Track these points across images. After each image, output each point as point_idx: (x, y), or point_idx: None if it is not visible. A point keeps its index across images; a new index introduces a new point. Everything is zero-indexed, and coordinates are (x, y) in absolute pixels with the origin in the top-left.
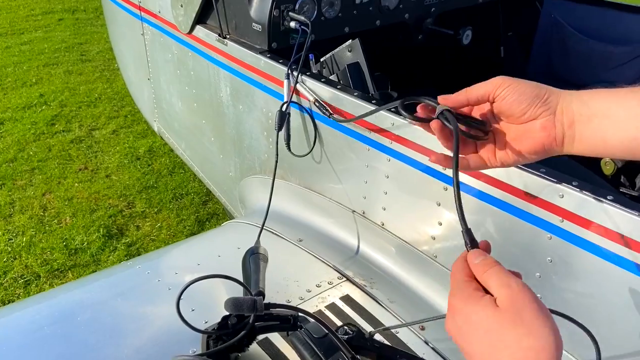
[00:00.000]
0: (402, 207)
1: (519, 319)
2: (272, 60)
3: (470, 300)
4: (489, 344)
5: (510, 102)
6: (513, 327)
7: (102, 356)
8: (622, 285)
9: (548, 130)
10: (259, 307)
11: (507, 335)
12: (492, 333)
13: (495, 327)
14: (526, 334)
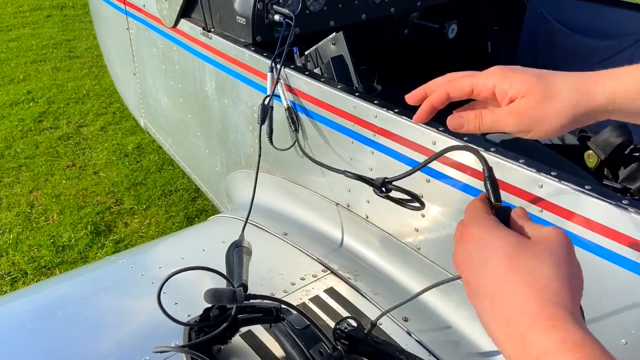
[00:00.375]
0: (386, 200)
1: (550, 251)
2: (257, 54)
3: (493, 229)
4: (508, 269)
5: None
6: (540, 256)
7: (84, 350)
8: (601, 274)
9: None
10: (239, 298)
11: (531, 261)
12: (515, 258)
13: (520, 253)
14: (553, 265)
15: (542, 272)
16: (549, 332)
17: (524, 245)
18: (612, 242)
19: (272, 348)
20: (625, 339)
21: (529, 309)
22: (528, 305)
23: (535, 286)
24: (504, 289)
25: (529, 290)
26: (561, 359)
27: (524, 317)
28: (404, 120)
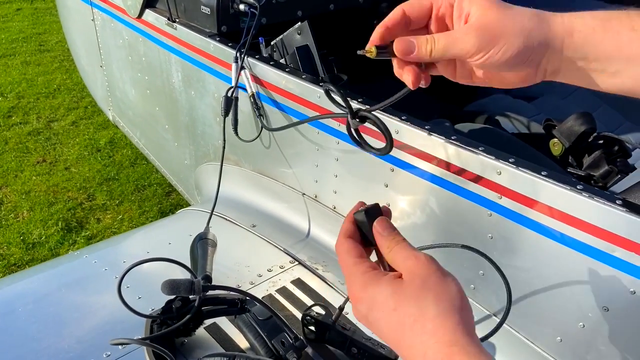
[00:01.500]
0: (352, 189)
1: (426, 286)
2: (222, 44)
3: (370, 284)
4: (398, 322)
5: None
6: (417, 297)
7: (43, 347)
8: (557, 258)
9: (526, 77)
10: (197, 289)
11: (412, 306)
12: (399, 310)
13: (401, 303)
14: (433, 300)
15: (428, 314)
16: None
17: (401, 291)
18: (569, 227)
19: (236, 340)
20: (583, 322)
21: (429, 355)
22: (427, 353)
23: (427, 332)
24: (404, 343)
25: (423, 338)
26: None
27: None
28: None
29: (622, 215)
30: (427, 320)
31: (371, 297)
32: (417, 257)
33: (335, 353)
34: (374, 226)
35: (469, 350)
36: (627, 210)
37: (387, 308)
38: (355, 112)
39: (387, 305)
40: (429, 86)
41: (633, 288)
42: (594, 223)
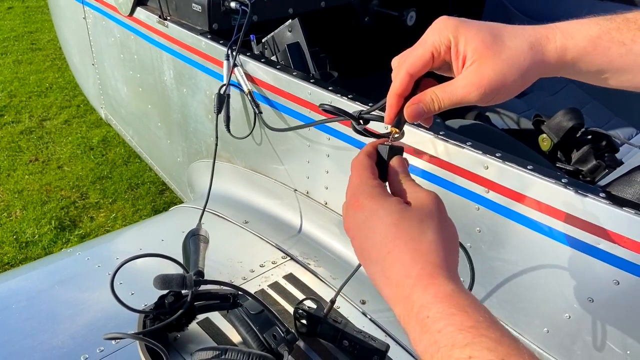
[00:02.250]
0: (343, 185)
1: (430, 215)
2: (213, 42)
3: (379, 197)
4: (394, 236)
5: (488, 98)
6: (421, 221)
7: (36, 343)
8: (543, 251)
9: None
10: (189, 284)
11: (414, 227)
12: (400, 226)
13: (403, 220)
14: (434, 228)
15: (426, 237)
16: (426, 289)
17: (407, 213)
18: (554, 220)
19: (229, 334)
20: (569, 313)
21: (413, 272)
22: (412, 268)
23: (419, 250)
24: (392, 255)
25: (414, 255)
26: (435, 310)
27: (409, 280)
28: (358, 106)
29: (605, 208)
30: (423, 241)
31: (375, 209)
32: (428, 192)
33: (326, 346)
34: (392, 161)
35: (451, 276)
36: (610, 203)
37: (388, 221)
38: (358, 117)
39: (390, 218)
40: None
41: (617, 279)
42: (579, 216)
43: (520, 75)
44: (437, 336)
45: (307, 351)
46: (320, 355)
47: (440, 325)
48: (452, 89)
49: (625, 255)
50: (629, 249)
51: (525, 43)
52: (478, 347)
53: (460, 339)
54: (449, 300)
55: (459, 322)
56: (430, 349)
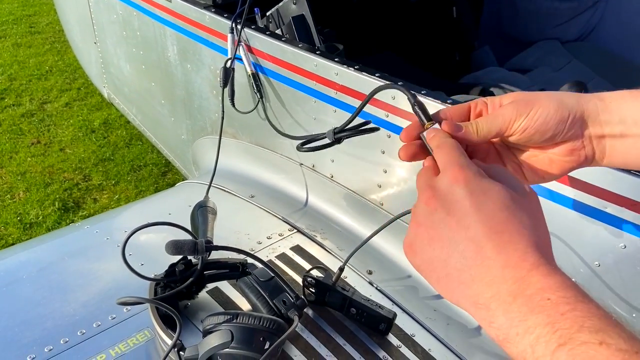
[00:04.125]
0: (349, 157)
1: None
2: (217, 15)
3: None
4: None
5: (531, 134)
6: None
7: (49, 311)
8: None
9: (577, 153)
10: (200, 249)
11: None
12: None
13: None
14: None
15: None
16: (550, 275)
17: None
18: (561, 184)
19: (239, 302)
20: (575, 278)
21: (532, 258)
22: (531, 254)
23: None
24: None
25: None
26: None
27: (526, 263)
28: (365, 77)
29: (612, 172)
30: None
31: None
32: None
33: (335, 314)
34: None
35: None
36: (619, 167)
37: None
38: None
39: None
40: (422, 61)
41: (624, 243)
42: (586, 180)
43: (555, 97)
44: (558, 318)
45: (316, 319)
46: (328, 323)
47: (564, 309)
48: (488, 114)
49: (633, 219)
50: (637, 212)
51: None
52: (612, 335)
53: (590, 324)
54: (576, 290)
55: (589, 310)
56: (539, 330)
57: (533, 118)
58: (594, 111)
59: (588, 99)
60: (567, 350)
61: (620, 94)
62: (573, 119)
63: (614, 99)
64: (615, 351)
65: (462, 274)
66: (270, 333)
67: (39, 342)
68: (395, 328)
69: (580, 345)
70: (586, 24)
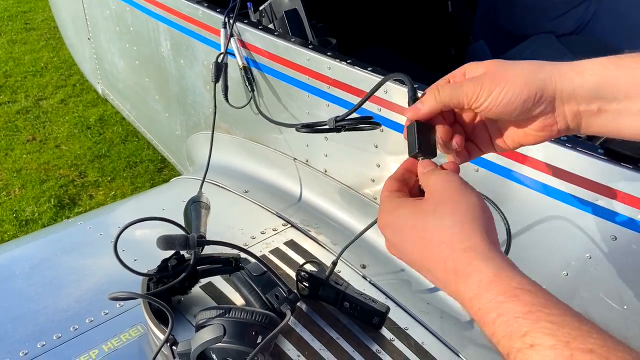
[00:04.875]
0: (342, 152)
1: (440, 199)
2: (210, 10)
3: (393, 210)
4: (418, 238)
5: (497, 113)
6: (434, 210)
7: (41, 307)
8: (541, 210)
9: (549, 129)
10: (192, 244)
11: (430, 220)
12: (417, 225)
13: (418, 218)
14: (448, 211)
15: (444, 225)
16: (467, 279)
17: (419, 209)
18: (553, 178)
19: (232, 297)
20: (567, 271)
21: (449, 265)
22: (447, 262)
23: (444, 242)
24: (426, 256)
25: (442, 248)
26: (483, 300)
27: (449, 275)
28: (357, 71)
29: (603, 165)
30: (442, 230)
31: (393, 222)
32: (436, 175)
33: (328, 309)
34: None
35: (488, 255)
36: (609, 159)
37: (407, 227)
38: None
39: (407, 224)
40: (417, 56)
41: (614, 234)
42: (578, 173)
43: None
44: (493, 327)
45: (309, 313)
46: (322, 317)
47: (492, 317)
48: (457, 86)
49: (623, 211)
50: (627, 204)
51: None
52: (538, 334)
53: (517, 327)
54: (494, 286)
55: (512, 310)
56: (493, 340)
57: (497, 98)
58: (569, 87)
59: (562, 73)
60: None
61: (603, 65)
62: (541, 96)
63: (595, 71)
64: (546, 350)
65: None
66: (262, 327)
67: (31, 337)
68: (388, 322)
69: (517, 353)
70: (581, 17)
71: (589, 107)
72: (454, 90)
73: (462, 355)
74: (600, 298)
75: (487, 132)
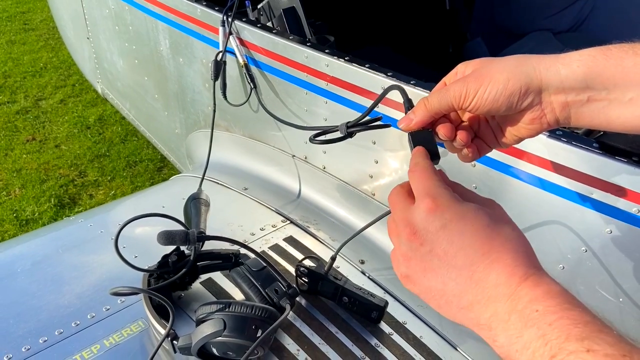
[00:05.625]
0: (341, 149)
1: (508, 218)
2: (208, 8)
3: (460, 201)
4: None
5: (486, 110)
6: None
7: (43, 303)
8: (537, 205)
9: (538, 121)
10: (192, 239)
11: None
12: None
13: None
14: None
15: (519, 240)
16: (536, 286)
17: (494, 215)
18: (548, 172)
19: (232, 293)
20: (563, 264)
21: (519, 270)
22: (518, 267)
23: (519, 251)
24: (490, 256)
25: (516, 256)
26: (546, 304)
27: (514, 278)
28: (355, 68)
29: (598, 158)
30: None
31: (462, 211)
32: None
33: (327, 303)
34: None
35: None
36: (603, 153)
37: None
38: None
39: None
40: (415, 53)
41: (609, 228)
42: (573, 167)
43: (506, 69)
44: (547, 329)
45: (309, 308)
46: (321, 311)
47: (552, 319)
48: (444, 92)
49: (618, 204)
50: (622, 198)
51: (511, 61)
52: (598, 341)
53: (577, 332)
54: (562, 296)
55: (575, 317)
56: (533, 344)
57: (482, 97)
58: (556, 79)
59: (548, 65)
60: None
61: (592, 56)
62: (527, 90)
63: (584, 62)
64: (602, 357)
65: (460, 300)
66: (262, 321)
67: (34, 333)
68: (387, 316)
69: (569, 355)
70: (578, 14)
71: (578, 98)
72: (441, 95)
73: (459, 349)
74: (596, 290)
75: (490, 128)
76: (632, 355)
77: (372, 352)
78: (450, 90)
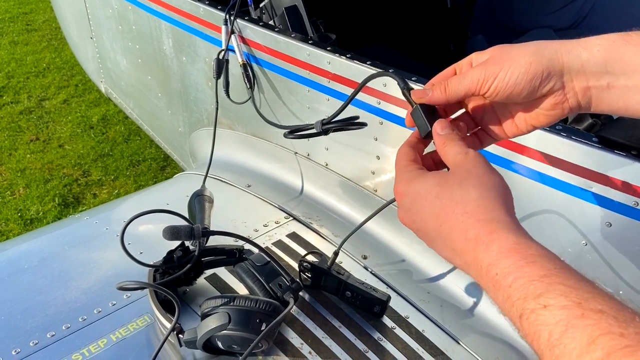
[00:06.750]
0: (343, 146)
1: (468, 174)
2: (211, 7)
3: (415, 178)
4: (441, 207)
5: (506, 95)
6: (461, 183)
7: (50, 298)
8: (537, 199)
9: (560, 106)
10: (197, 234)
11: (456, 191)
12: (441, 195)
13: (443, 189)
14: (475, 185)
15: (470, 197)
16: (488, 247)
17: (446, 180)
18: (548, 166)
19: (236, 288)
20: (563, 258)
21: (470, 234)
22: (469, 231)
23: (468, 212)
24: (446, 225)
25: (465, 218)
26: (502, 265)
27: (469, 243)
28: (356, 65)
29: (598, 152)
30: (468, 202)
31: (415, 191)
32: (466, 153)
33: (330, 298)
34: (434, 127)
35: (510, 227)
36: (603, 147)
37: (430, 196)
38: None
39: (431, 193)
40: (416, 51)
41: (609, 221)
42: (573, 161)
43: (528, 53)
44: (509, 291)
45: (312, 302)
46: (324, 306)
47: (509, 280)
48: (462, 77)
49: (618, 197)
50: (621, 191)
51: (531, 45)
52: (552, 295)
53: (532, 289)
54: (514, 253)
55: (529, 273)
56: (506, 305)
57: (503, 80)
58: (577, 63)
59: (570, 49)
60: (524, 320)
61: (612, 41)
62: (549, 74)
63: (604, 48)
64: (559, 310)
65: (449, 259)
66: (266, 315)
67: (41, 328)
68: (389, 310)
69: (531, 314)
70: (579, 11)
71: (599, 83)
72: (460, 80)
73: (462, 343)
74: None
75: (497, 118)
76: (588, 301)
77: (375, 346)
78: (469, 75)
